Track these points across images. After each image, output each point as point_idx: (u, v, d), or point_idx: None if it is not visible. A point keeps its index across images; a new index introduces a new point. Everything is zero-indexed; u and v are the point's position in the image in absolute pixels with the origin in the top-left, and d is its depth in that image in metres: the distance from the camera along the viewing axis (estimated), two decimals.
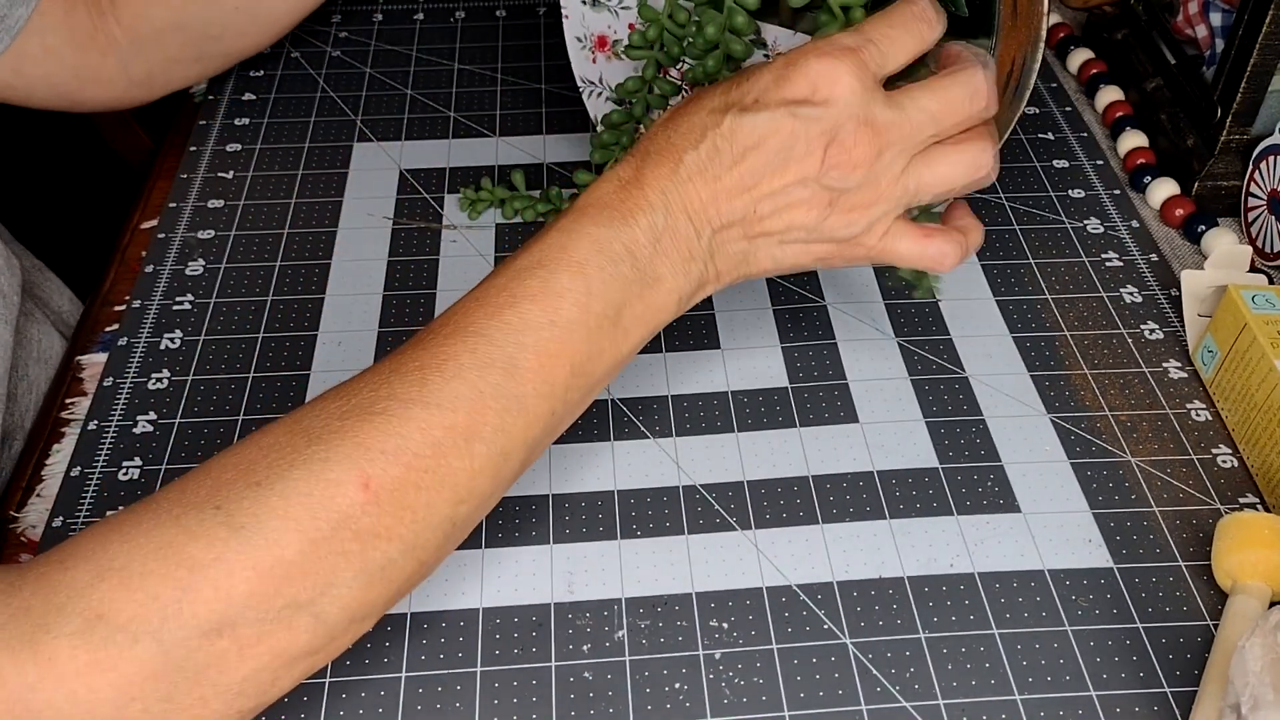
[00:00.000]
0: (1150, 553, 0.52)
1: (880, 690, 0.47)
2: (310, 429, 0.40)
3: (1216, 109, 0.67)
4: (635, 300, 0.44)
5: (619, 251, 0.44)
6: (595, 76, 0.63)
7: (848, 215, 0.47)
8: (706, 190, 0.45)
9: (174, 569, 0.37)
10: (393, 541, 0.40)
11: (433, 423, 0.40)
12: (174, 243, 0.68)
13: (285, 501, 0.38)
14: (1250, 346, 0.55)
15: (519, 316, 0.42)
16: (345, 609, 0.39)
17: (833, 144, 0.44)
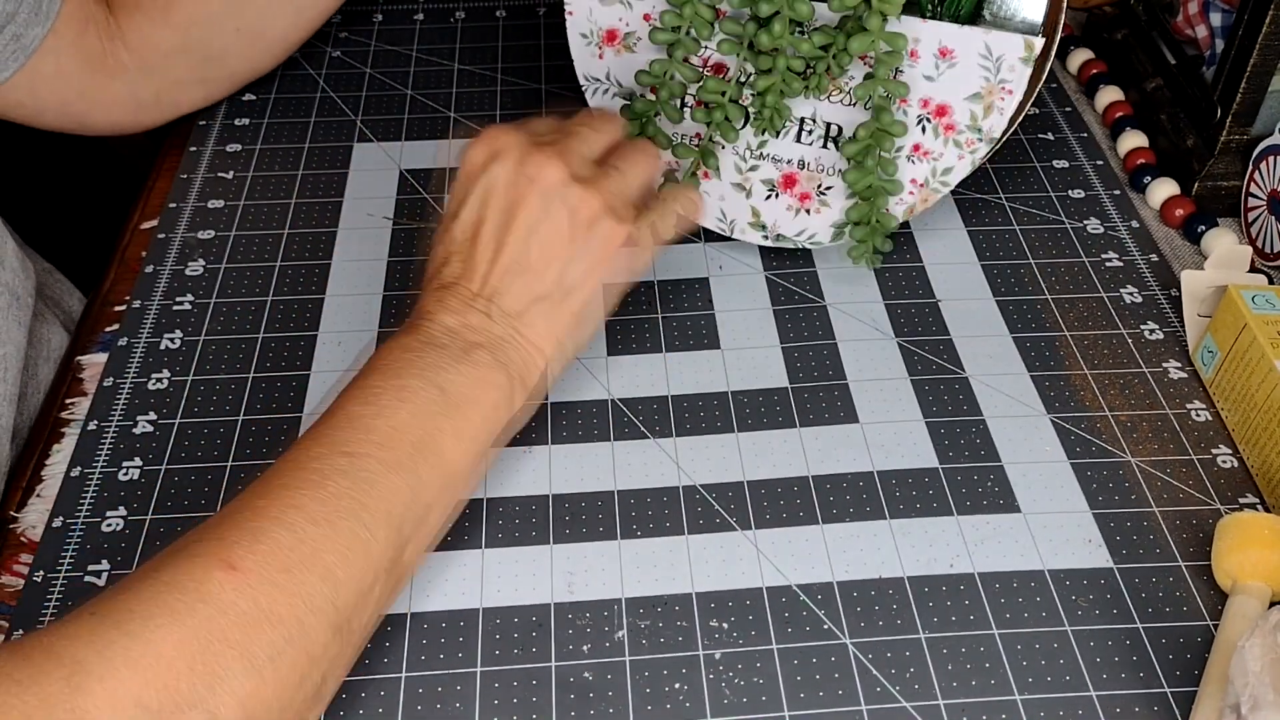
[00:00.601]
0: (1150, 553, 0.52)
1: (880, 690, 0.47)
2: (176, 546, 0.41)
3: (1216, 109, 0.67)
4: (456, 377, 0.47)
5: (420, 345, 0.48)
6: (602, 73, 0.63)
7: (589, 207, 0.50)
8: (465, 275, 0.50)
9: (59, 668, 0.36)
10: (276, 628, 0.39)
11: (286, 505, 0.41)
12: (174, 243, 0.68)
13: (155, 594, 0.38)
14: (1250, 346, 0.55)
15: (345, 416, 0.45)
16: (240, 706, 0.38)
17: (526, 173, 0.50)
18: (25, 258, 0.60)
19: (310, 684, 0.41)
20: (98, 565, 0.52)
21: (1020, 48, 0.57)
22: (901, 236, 0.67)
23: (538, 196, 0.50)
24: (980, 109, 0.59)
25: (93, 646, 0.37)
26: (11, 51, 0.63)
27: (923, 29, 0.58)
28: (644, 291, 0.64)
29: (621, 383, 0.60)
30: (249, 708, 0.38)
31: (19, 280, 0.58)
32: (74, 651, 0.36)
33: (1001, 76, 0.58)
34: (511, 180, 0.50)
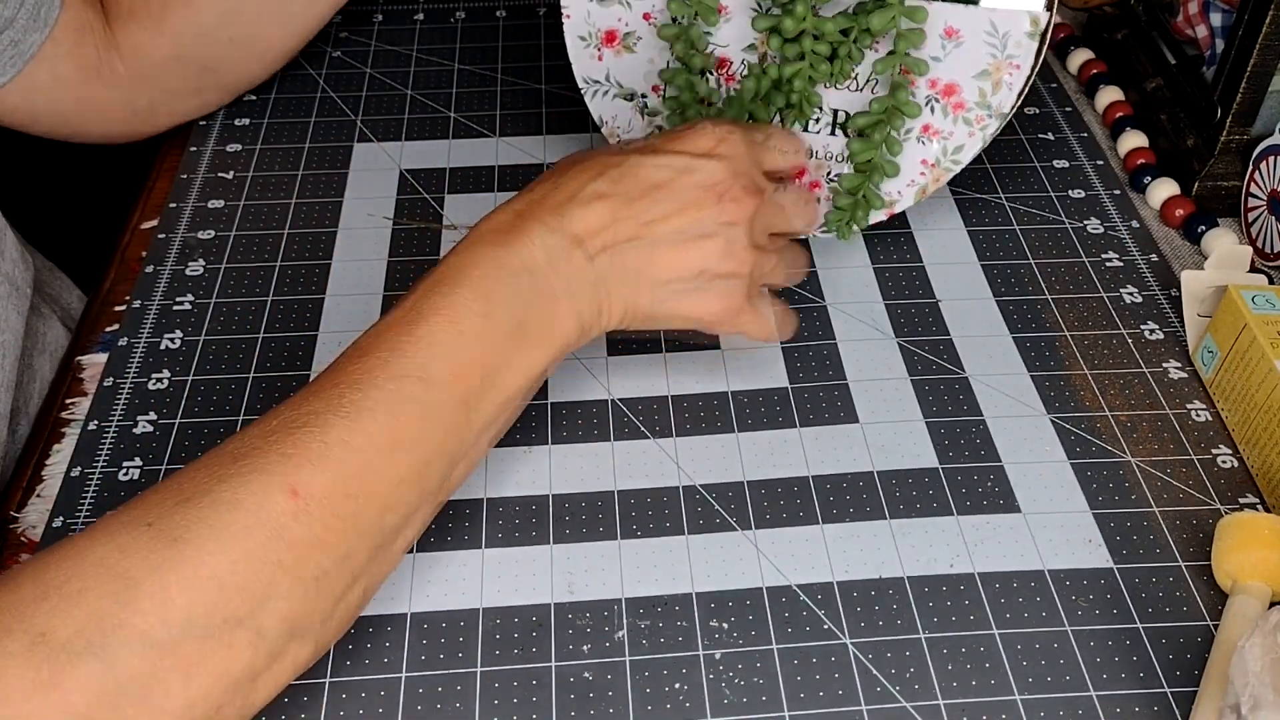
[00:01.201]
0: (1150, 553, 0.52)
1: (880, 690, 0.47)
2: (236, 450, 0.41)
3: (1216, 109, 0.67)
4: (536, 314, 0.46)
5: (516, 266, 0.46)
6: (601, 75, 0.63)
7: (738, 263, 0.50)
8: (604, 214, 0.48)
9: (112, 585, 0.37)
10: (326, 551, 0.40)
11: (354, 431, 0.41)
12: (174, 243, 0.68)
13: (215, 513, 0.38)
14: (1250, 346, 0.55)
15: (427, 330, 0.44)
16: (283, 622, 0.39)
17: (727, 193, 0.49)
18: (24, 250, 0.60)
19: (351, 597, 0.42)
20: None
21: (1026, 23, 0.58)
22: (901, 236, 0.67)
23: (712, 222, 0.49)
24: (989, 85, 0.60)
25: (147, 563, 0.37)
26: (9, 58, 0.63)
27: (928, 10, 0.59)
28: None
29: (621, 383, 0.60)
30: (292, 623, 0.40)
31: (18, 271, 0.58)
32: (127, 567, 0.37)
33: (1009, 52, 0.59)
34: (710, 185, 0.49)
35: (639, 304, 0.50)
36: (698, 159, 0.50)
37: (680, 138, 0.50)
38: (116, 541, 0.38)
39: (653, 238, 0.49)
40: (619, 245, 0.48)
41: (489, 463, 0.56)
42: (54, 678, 0.35)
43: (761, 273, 0.52)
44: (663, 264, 0.49)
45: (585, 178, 0.49)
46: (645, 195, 0.49)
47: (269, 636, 0.39)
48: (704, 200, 0.49)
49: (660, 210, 0.49)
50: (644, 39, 0.62)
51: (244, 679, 0.39)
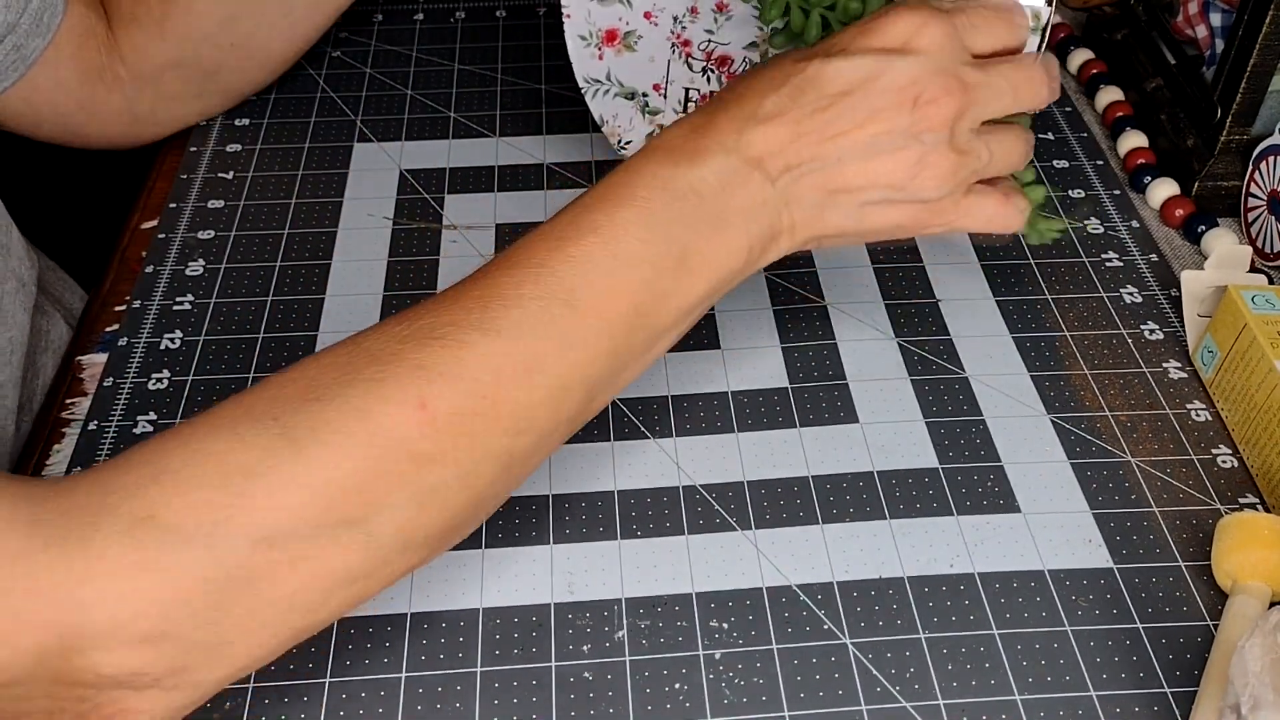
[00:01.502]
0: (1150, 553, 0.52)
1: (880, 690, 0.47)
2: (371, 349, 0.40)
3: (1216, 109, 0.67)
4: (702, 242, 0.43)
5: (684, 189, 0.43)
6: (602, 74, 0.63)
7: (936, 174, 0.45)
8: (785, 132, 0.44)
9: (228, 476, 0.37)
10: (447, 466, 0.39)
11: (492, 350, 0.40)
12: (174, 243, 0.68)
13: (342, 418, 0.38)
14: (1250, 347, 0.55)
15: (581, 250, 0.41)
16: (397, 531, 0.39)
17: (922, 95, 0.44)
18: (29, 246, 0.60)
19: (465, 516, 0.41)
20: None
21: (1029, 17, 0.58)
22: None
23: (904, 132, 0.44)
24: None
25: (267, 460, 0.37)
26: (12, 62, 0.64)
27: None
28: None
29: None
30: (407, 532, 0.39)
31: (24, 268, 0.58)
32: (246, 460, 0.37)
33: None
34: (899, 90, 0.44)
35: (824, 225, 0.46)
36: (888, 56, 0.44)
37: (869, 31, 0.45)
38: (238, 432, 0.37)
39: (838, 154, 0.44)
40: (802, 165, 0.44)
41: None
42: (157, 559, 0.35)
43: (971, 171, 0.46)
44: (850, 180, 0.45)
45: (766, 89, 0.44)
46: (830, 105, 0.44)
47: (381, 542, 0.39)
48: (896, 107, 0.44)
49: (846, 122, 0.44)
50: (645, 37, 0.62)
51: (351, 578, 0.39)
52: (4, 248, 0.57)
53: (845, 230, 0.47)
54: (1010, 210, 0.49)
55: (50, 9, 0.65)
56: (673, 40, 0.62)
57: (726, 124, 0.44)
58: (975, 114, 0.46)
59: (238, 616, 0.37)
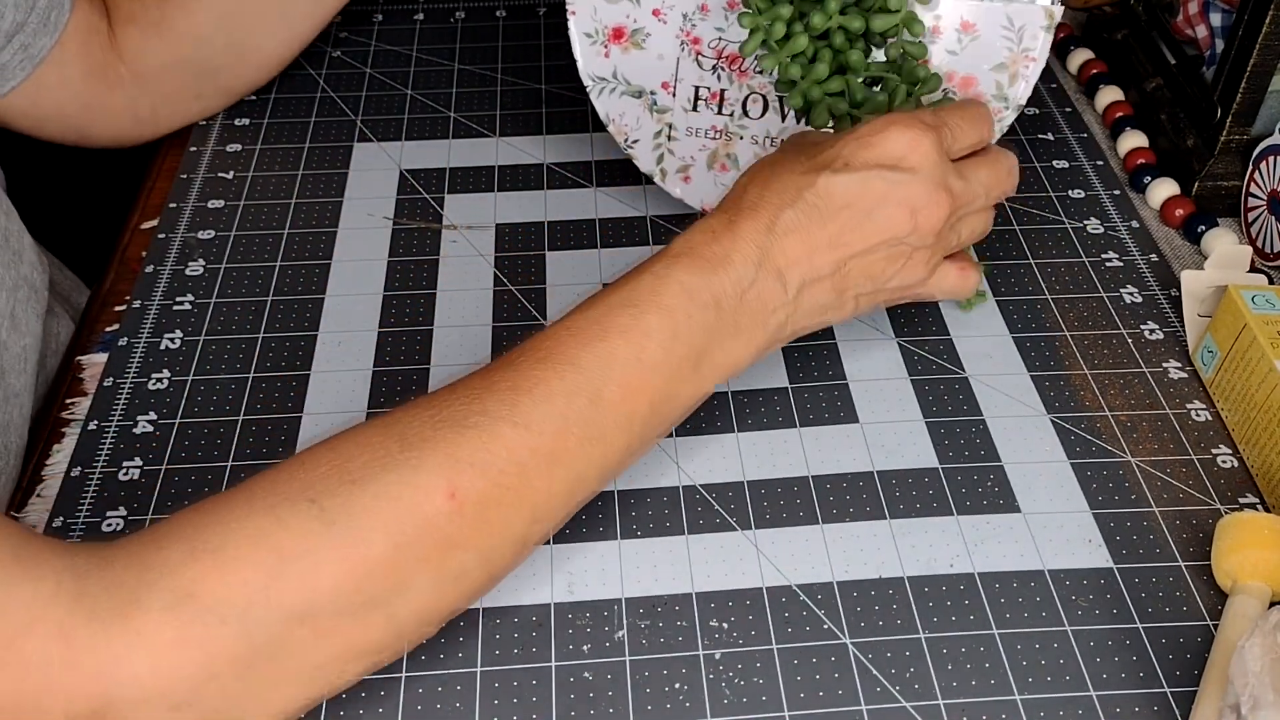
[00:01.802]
0: (1150, 553, 0.52)
1: (880, 690, 0.47)
2: (404, 434, 0.41)
3: (1216, 109, 0.67)
4: (718, 348, 0.47)
5: (706, 300, 0.46)
6: (608, 72, 0.63)
7: (916, 268, 0.52)
8: (801, 246, 0.48)
9: (265, 556, 0.38)
10: (469, 552, 0.42)
11: (520, 443, 0.42)
12: (174, 243, 0.68)
13: (377, 502, 0.40)
14: (1250, 346, 0.55)
15: (608, 349, 0.44)
16: (417, 612, 0.41)
17: (918, 209, 0.49)
18: (40, 251, 0.60)
19: (481, 593, 0.44)
20: None
21: (1041, 16, 0.59)
22: None
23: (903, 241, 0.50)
24: (1005, 78, 0.60)
25: (303, 542, 0.38)
26: (19, 61, 0.64)
27: (944, 5, 0.59)
28: None
29: None
30: (426, 611, 0.42)
31: (36, 274, 0.59)
32: (283, 541, 0.38)
33: (1024, 45, 0.60)
34: (900, 205, 0.49)
35: (821, 320, 0.52)
36: (887, 171, 0.49)
37: (869, 145, 0.49)
38: (277, 514, 0.39)
39: (845, 262, 0.49)
40: (817, 280, 0.49)
41: None
42: (196, 637, 0.37)
43: (942, 255, 0.53)
44: (852, 282, 0.50)
45: (781, 202, 0.48)
46: (838, 217, 0.48)
47: (400, 622, 0.41)
48: (897, 219, 0.49)
49: (853, 234, 0.49)
50: (653, 35, 0.62)
51: (371, 652, 0.41)
52: (16, 254, 0.57)
53: (844, 318, 0.53)
54: (968, 282, 0.56)
55: (58, 7, 0.65)
56: (682, 38, 0.62)
57: (747, 234, 0.47)
58: (957, 215, 0.52)
59: (259, 688, 0.39)
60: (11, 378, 0.55)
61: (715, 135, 0.64)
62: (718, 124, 0.63)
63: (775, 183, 0.49)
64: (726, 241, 0.47)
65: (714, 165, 0.64)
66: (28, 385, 0.57)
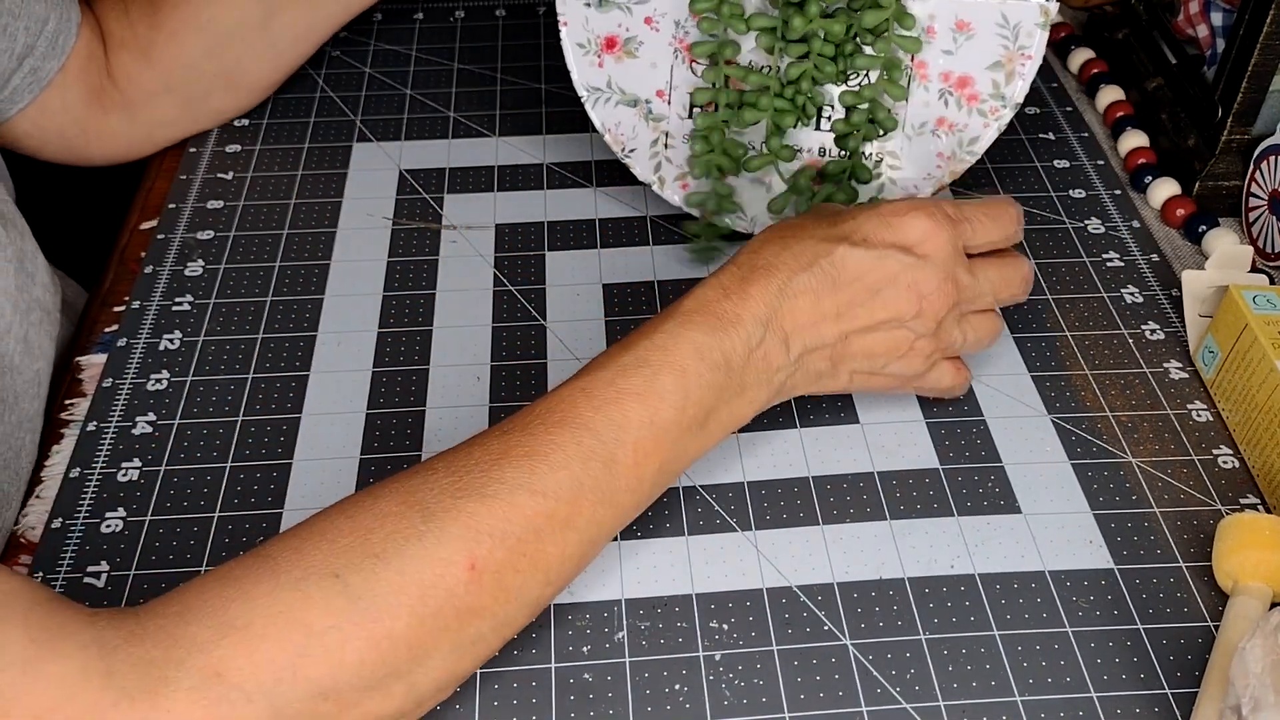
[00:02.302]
0: (1151, 554, 0.52)
1: (881, 691, 0.47)
2: (424, 503, 0.42)
3: (1217, 109, 0.67)
4: (724, 407, 0.48)
5: (717, 360, 0.47)
6: (602, 81, 0.63)
7: (915, 359, 0.53)
8: (809, 312, 0.49)
9: (293, 633, 0.38)
10: (485, 619, 0.42)
11: (537, 510, 0.43)
12: (173, 243, 0.68)
13: (401, 577, 0.40)
14: (1251, 347, 0.55)
15: (622, 413, 0.45)
16: (436, 680, 0.42)
17: (925, 296, 0.51)
18: (52, 273, 0.61)
19: (493, 654, 0.44)
20: (97, 567, 0.51)
21: (1036, 13, 0.59)
22: None
23: (905, 325, 0.51)
24: (1002, 76, 0.60)
25: (329, 617, 0.39)
26: (28, 83, 0.65)
27: (939, 4, 0.59)
28: (644, 291, 0.64)
29: None
30: (444, 679, 0.42)
31: (49, 295, 0.59)
32: (310, 619, 0.39)
33: (1020, 43, 0.59)
34: (908, 288, 0.50)
35: (818, 387, 0.52)
36: (903, 253, 0.50)
37: (890, 226, 0.50)
38: (302, 589, 0.39)
39: (848, 333, 0.50)
40: (819, 348, 0.50)
41: None
42: (224, 716, 0.37)
43: (945, 352, 0.54)
44: (851, 354, 0.51)
45: (796, 266, 0.49)
46: (849, 287, 0.50)
47: (420, 691, 0.41)
48: (904, 301, 0.50)
49: (860, 307, 0.50)
50: (646, 43, 0.62)
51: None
52: (30, 276, 0.57)
53: (831, 390, 0.53)
54: (961, 383, 0.56)
55: (65, 31, 0.66)
56: (675, 45, 0.61)
57: (759, 294, 0.48)
58: (960, 309, 0.53)
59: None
60: (25, 402, 0.55)
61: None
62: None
63: (794, 246, 0.50)
64: (737, 299, 0.48)
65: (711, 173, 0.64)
66: (40, 410, 0.57)
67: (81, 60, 0.67)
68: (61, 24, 0.65)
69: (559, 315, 0.63)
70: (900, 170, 0.63)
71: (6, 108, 0.65)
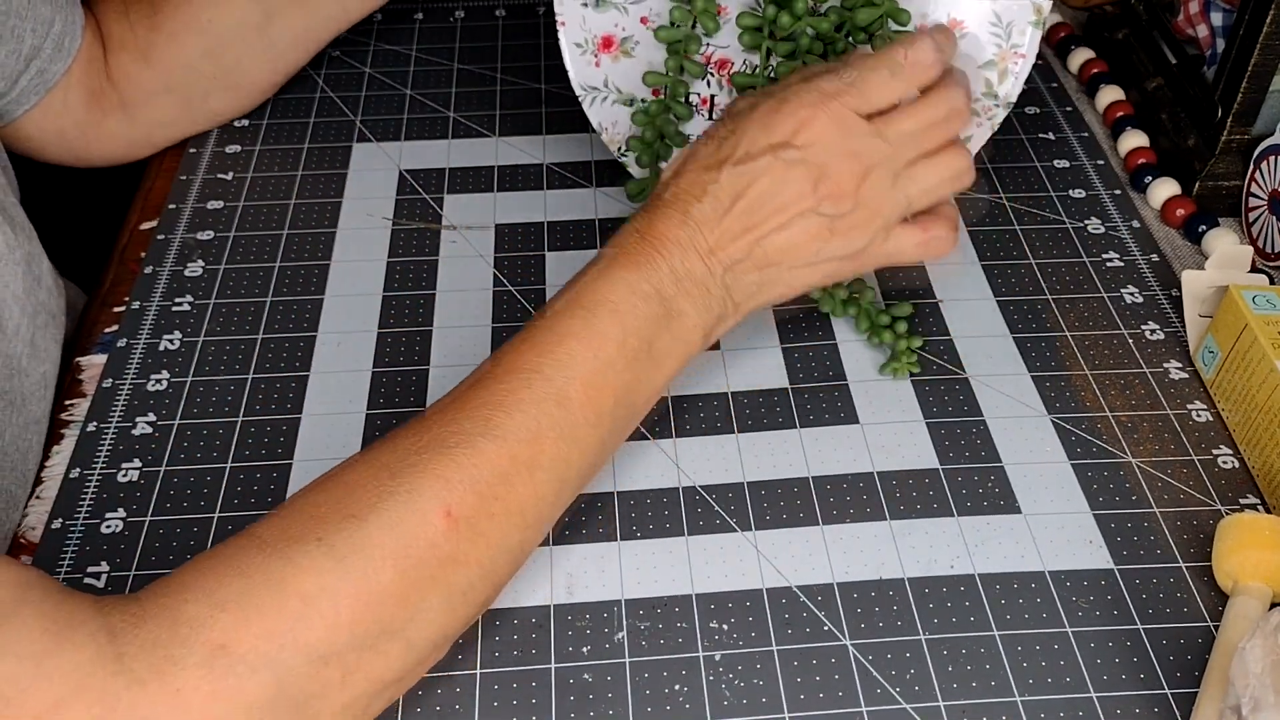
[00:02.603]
0: (1151, 554, 0.52)
1: (880, 692, 0.47)
2: (391, 464, 0.43)
3: (1217, 109, 0.67)
4: (664, 334, 0.49)
5: (648, 292, 0.48)
6: (599, 81, 0.63)
7: (848, 236, 0.51)
8: (713, 236, 0.50)
9: (286, 601, 0.39)
10: (471, 567, 0.43)
11: (499, 454, 0.44)
12: (173, 244, 0.68)
13: (381, 532, 0.41)
14: (1251, 347, 0.55)
15: (567, 354, 0.46)
16: (431, 634, 0.43)
17: (822, 179, 0.50)
18: (56, 276, 0.61)
19: (485, 606, 0.45)
20: (97, 567, 0.51)
21: (1030, 11, 0.58)
22: None
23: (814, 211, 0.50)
24: (995, 75, 0.60)
25: (319, 581, 0.40)
26: (34, 85, 0.65)
27: (931, 3, 0.59)
28: None
29: None
30: (440, 633, 0.43)
31: (53, 299, 0.59)
32: (301, 585, 0.40)
33: (1013, 41, 0.59)
34: (800, 180, 0.50)
35: (763, 297, 0.52)
36: (783, 150, 0.50)
37: (766, 128, 0.50)
38: (288, 557, 0.40)
39: (761, 241, 0.50)
40: (741, 261, 0.50)
41: None
42: (231, 689, 0.38)
43: (887, 219, 0.52)
44: (774, 257, 0.51)
45: (690, 198, 0.50)
46: (741, 203, 0.50)
47: (417, 647, 0.42)
48: (800, 193, 0.50)
49: (759, 215, 0.50)
50: (642, 43, 0.62)
51: (391, 682, 0.42)
52: (36, 279, 0.58)
53: (783, 295, 0.53)
54: (933, 242, 0.54)
55: (70, 33, 0.66)
56: None
57: (667, 229, 0.50)
58: (883, 172, 0.51)
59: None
60: (32, 404, 0.55)
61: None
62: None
63: (686, 177, 0.51)
64: (651, 238, 0.50)
65: None
66: (46, 412, 0.57)
67: (84, 62, 0.68)
68: (67, 26, 0.66)
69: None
70: None
71: (13, 109, 0.65)
